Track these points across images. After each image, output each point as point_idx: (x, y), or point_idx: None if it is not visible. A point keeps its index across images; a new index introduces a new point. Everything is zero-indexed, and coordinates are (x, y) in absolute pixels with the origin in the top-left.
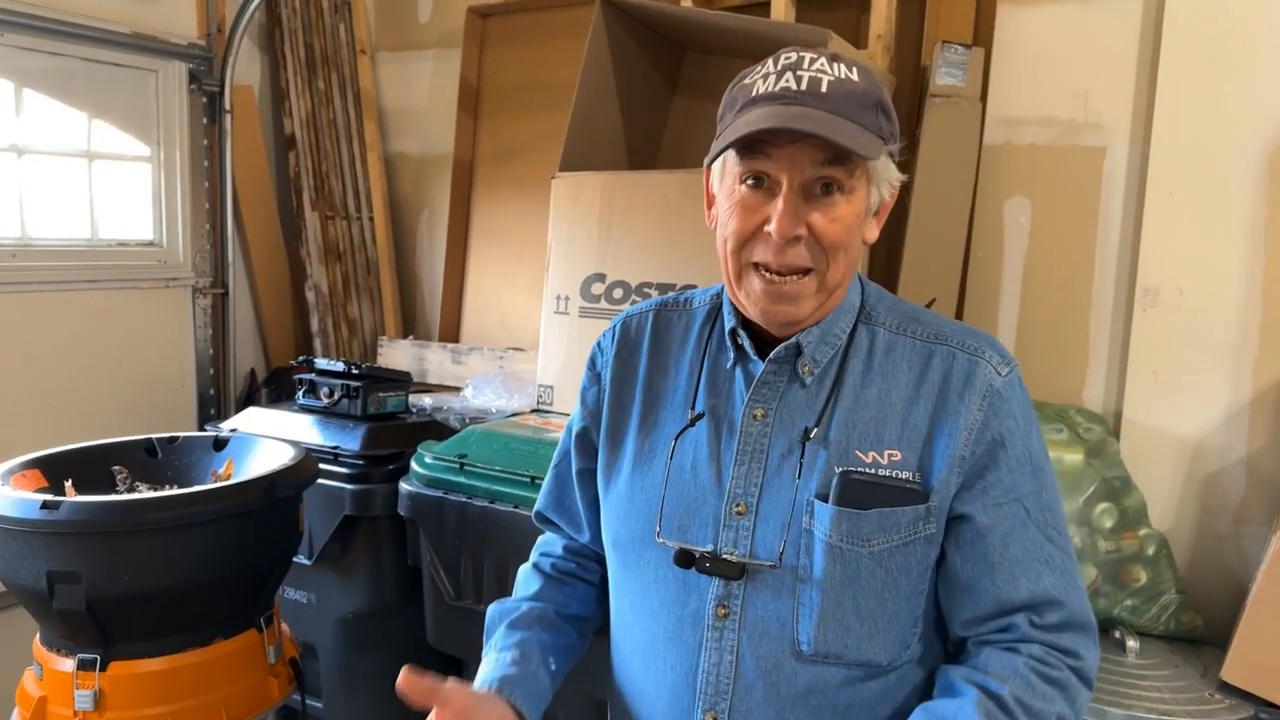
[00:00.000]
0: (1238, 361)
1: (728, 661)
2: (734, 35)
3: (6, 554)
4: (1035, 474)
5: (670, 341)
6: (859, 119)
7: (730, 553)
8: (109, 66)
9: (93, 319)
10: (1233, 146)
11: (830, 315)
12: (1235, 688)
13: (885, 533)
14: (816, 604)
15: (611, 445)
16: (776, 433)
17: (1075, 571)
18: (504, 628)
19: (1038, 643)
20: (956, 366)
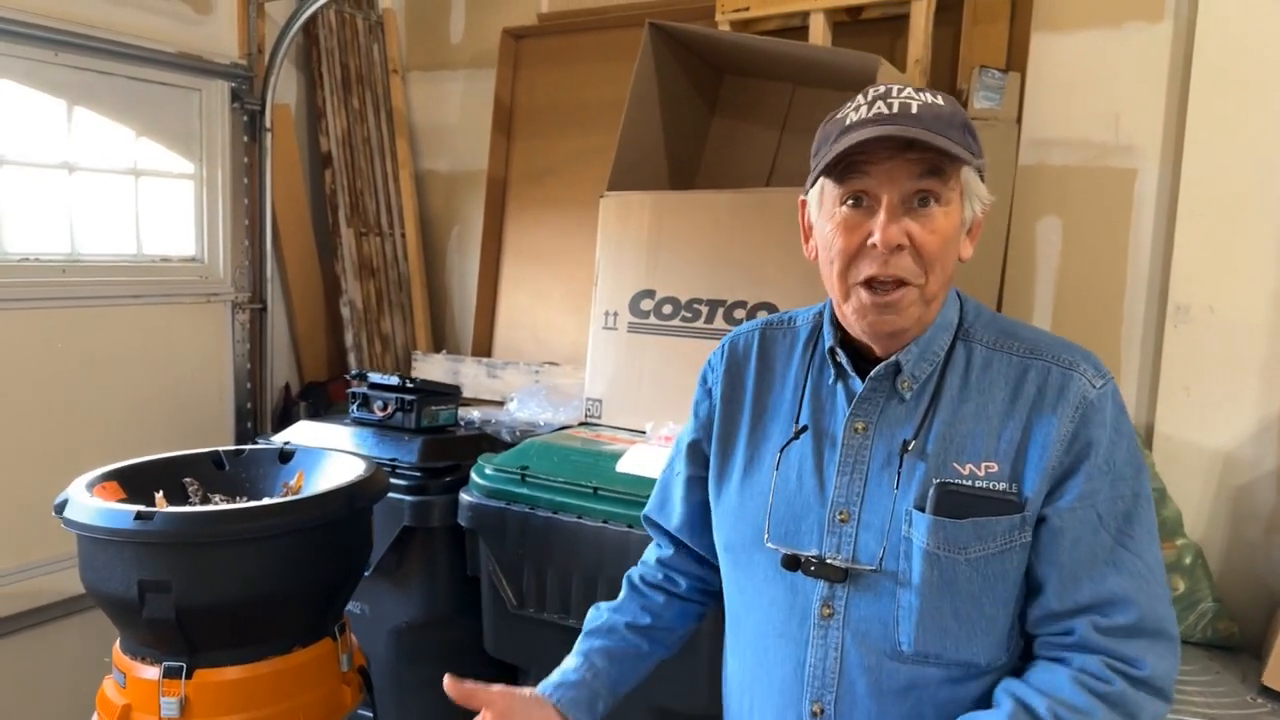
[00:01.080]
0: (1268, 377)
1: (833, 657)
2: (776, 59)
3: (96, 563)
4: (1115, 482)
5: (775, 359)
6: (949, 135)
7: (834, 557)
8: (155, 85)
9: (137, 333)
10: (1262, 169)
11: (929, 332)
12: (1276, 692)
13: (981, 541)
14: (915, 607)
15: (722, 455)
16: (876, 445)
17: (1154, 578)
18: (581, 636)
19: (1096, 651)
20: (1051, 380)
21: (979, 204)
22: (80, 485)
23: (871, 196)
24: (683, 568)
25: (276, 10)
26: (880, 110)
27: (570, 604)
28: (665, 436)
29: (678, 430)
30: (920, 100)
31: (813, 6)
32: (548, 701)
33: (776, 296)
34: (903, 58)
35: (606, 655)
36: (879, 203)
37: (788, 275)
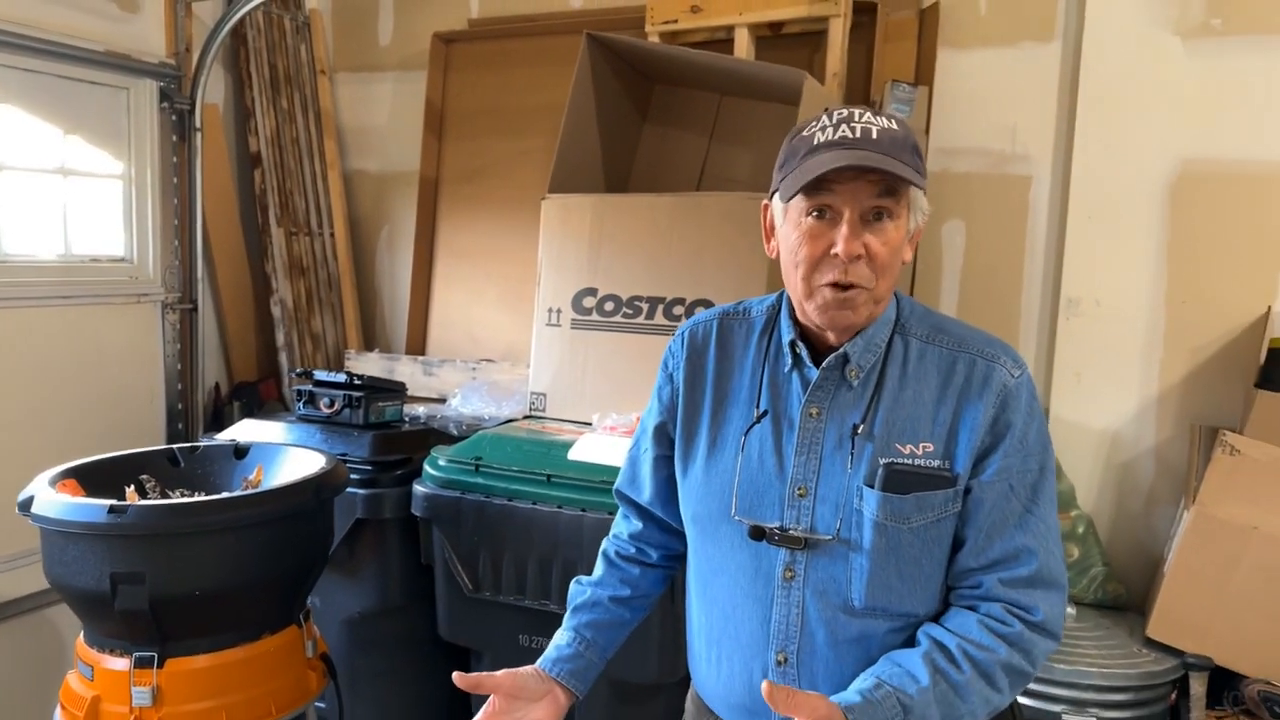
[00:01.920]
0: (1147, 363)
1: (795, 613)
2: (705, 70)
3: (65, 558)
4: (1026, 457)
5: (734, 347)
6: (903, 158)
7: (795, 528)
8: (83, 84)
9: (66, 334)
10: (1140, 176)
11: (872, 327)
12: (1158, 643)
13: (922, 512)
14: (866, 569)
15: (687, 436)
16: (829, 428)
17: (1051, 538)
18: (569, 612)
19: (998, 600)
20: (976, 370)
21: (921, 215)
22: (43, 482)
23: (834, 210)
24: (653, 539)
25: (203, 10)
26: (845, 134)
27: (526, 586)
28: (610, 427)
29: (622, 421)
30: (879, 125)
31: (737, 21)
32: (549, 676)
33: (713, 293)
34: (821, 71)
35: (594, 627)
36: (841, 216)
37: (723, 273)
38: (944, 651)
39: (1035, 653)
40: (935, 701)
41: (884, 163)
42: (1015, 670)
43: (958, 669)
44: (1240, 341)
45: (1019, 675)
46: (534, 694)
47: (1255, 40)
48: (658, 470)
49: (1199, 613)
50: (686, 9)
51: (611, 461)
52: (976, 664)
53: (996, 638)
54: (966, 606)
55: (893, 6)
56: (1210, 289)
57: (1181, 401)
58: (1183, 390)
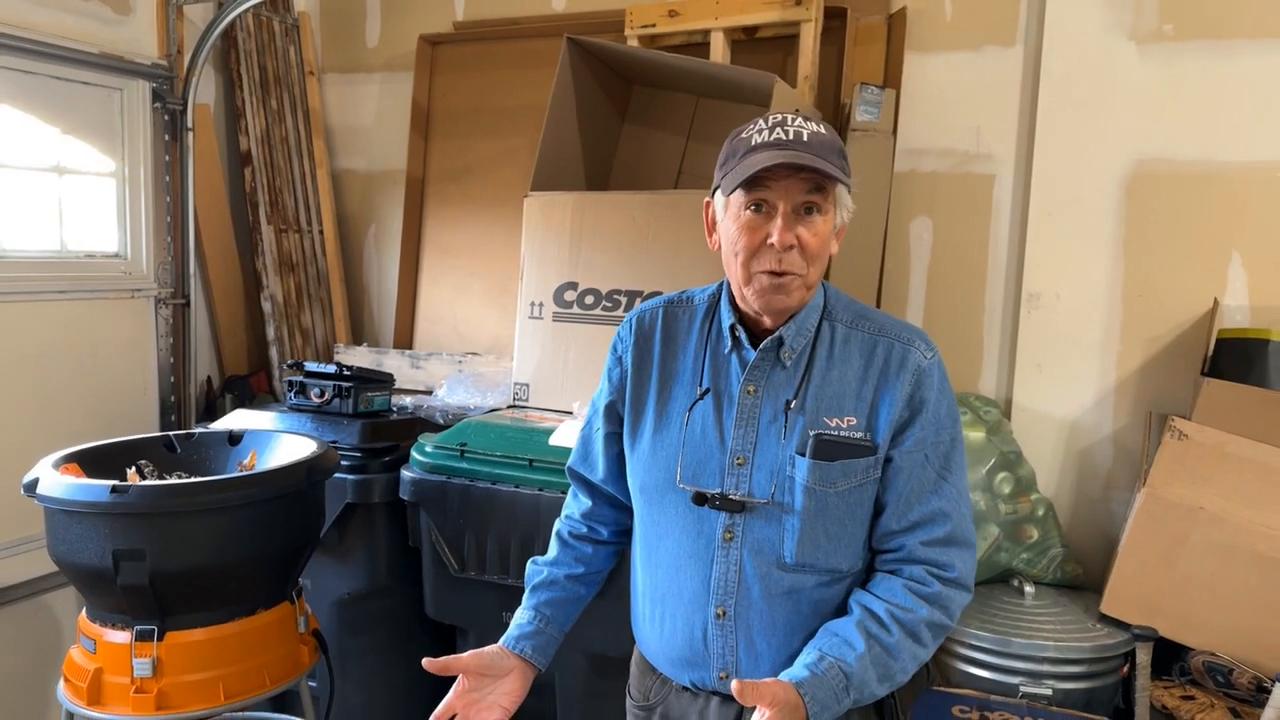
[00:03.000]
0: (1105, 354)
1: (733, 570)
2: (682, 73)
3: (69, 536)
4: (938, 430)
5: (678, 331)
6: (831, 160)
7: (734, 493)
8: (78, 85)
9: (62, 328)
10: (1098, 175)
11: (802, 313)
12: (1111, 618)
13: (847, 477)
14: (797, 529)
15: (635, 413)
16: (765, 403)
17: (962, 501)
18: (528, 592)
19: (919, 562)
20: (894, 353)
21: (846, 213)
22: (46, 465)
23: (770, 205)
24: (604, 516)
25: (194, 12)
26: (780, 136)
27: (510, 565)
28: None
29: None
30: (809, 129)
31: (713, 25)
32: (512, 653)
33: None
34: (793, 74)
35: (552, 605)
36: (776, 210)
37: (698, 267)
38: (874, 617)
39: (953, 607)
40: (871, 664)
41: (814, 162)
42: (936, 625)
43: (887, 632)
44: (1191, 333)
45: (940, 629)
46: (500, 670)
47: (1205, 45)
48: (609, 447)
49: (1149, 589)
50: (664, 14)
51: None
52: (903, 625)
53: (918, 599)
54: (890, 571)
55: (862, 11)
56: (1164, 283)
57: (1137, 390)
58: (1138, 379)
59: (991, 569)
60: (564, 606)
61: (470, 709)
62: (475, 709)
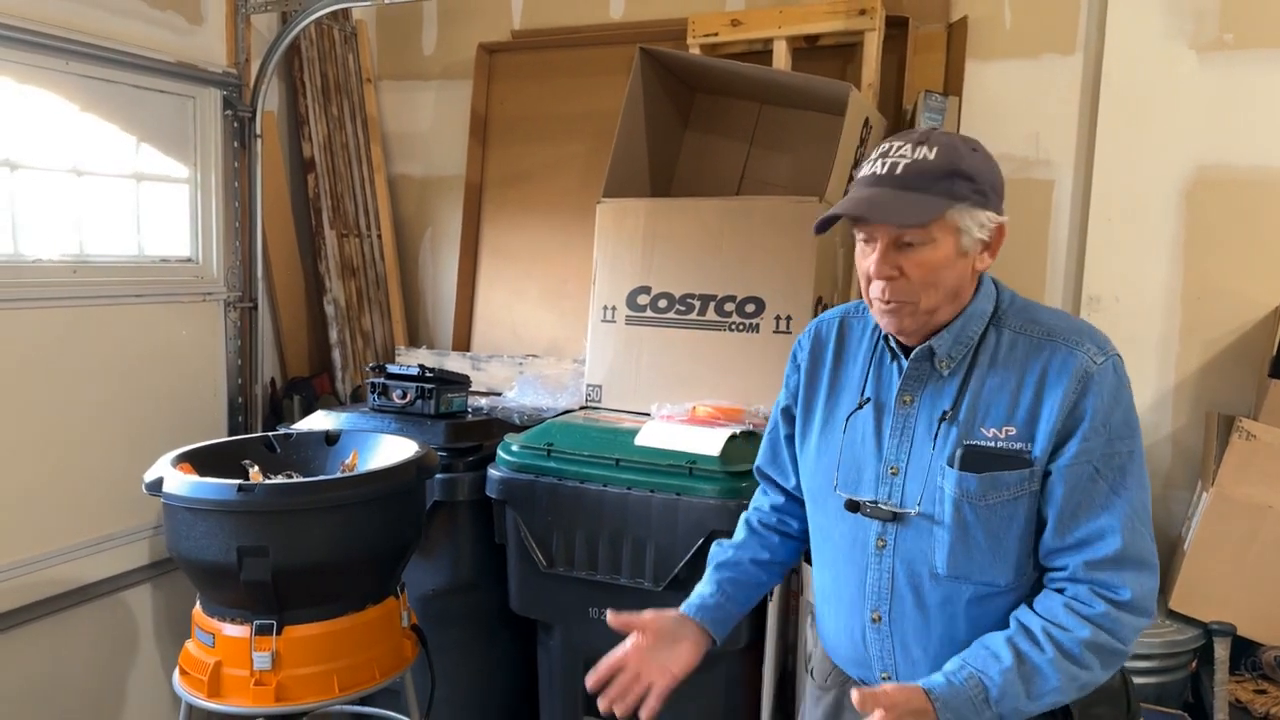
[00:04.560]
0: (1164, 355)
1: (886, 578)
2: (748, 81)
3: (194, 534)
4: (1110, 440)
5: (851, 341)
6: (929, 189)
7: (886, 503)
8: (155, 93)
9: (138, 331)
10: (1158, 180)
11: (960, 321)
12: (1180, 614)
13: (997, 490)
14: (946, 541)
15: (805, 418)
16: (920, 413)
17: (1137, 518)
18: (712, 568)
19: (1084, 582)
20: (1059, 357)
21: (980, 230)
22: (165, 464)
23: (871, 238)
24: (795, 512)
25: (259, 21)
26: (876, 170)
27: (598, 562)
28: (667, 415)
29: (677, 410)
30: (911, 158)
31: (775, 34)
32: (691, 619)
33: (762, 290)
34: (856, 82)
35: (734, 584)
36: (876, 243)
37: (770, 272)
38: (1028, 633)
39: (1123, 631)
40: (1019, 680)
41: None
42: (1102, 648)
43: (1040, 649)
44: (1252, 335)
45: (1108, 653)
46: (675, 637)
47: (1266, 54)
48: (791, 449)
49: (1218, 586)
50: (727, 23)
51: (675, 447)
52: (1059, 644)
53: (1080, 619)
54: (1056, 589)
55: (922, 20)
56: (1223, 286)
57: (1196, 391)
58: (1197, 380)
59: None
60: (745, 588)
61: (644, 665)
62: (647, 665)
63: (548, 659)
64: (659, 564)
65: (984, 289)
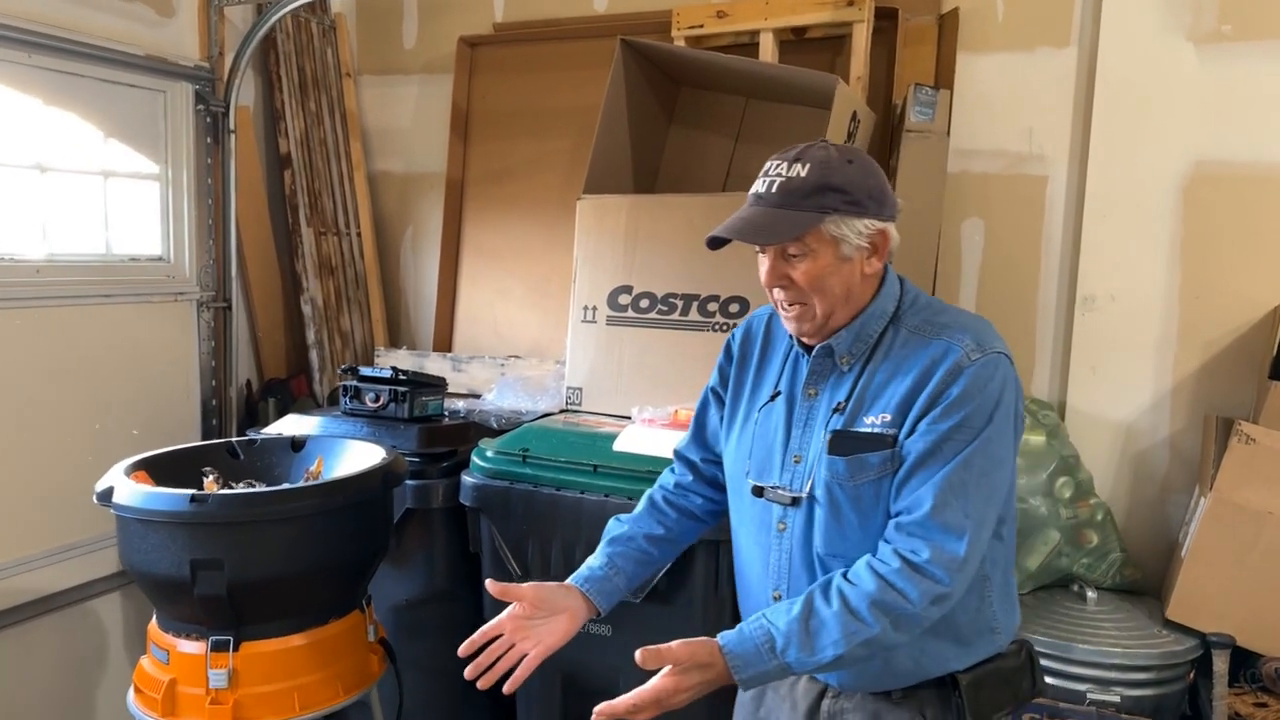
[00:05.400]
0: (1161, 356)
1: (784, 559)
2: (734, 74)
3: (145, 546)
4: (961, 426)
5: (775, 338)
6: (799, 206)
7: (786, 489)
8: (123, 87)
9: (108, 332)
10: (1154, 176)
11: (860, 320)
12: (1177, 624)
13: (863, 471)
14: (822, 521)
15: (732, 407)
16: (820, 405)
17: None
18: (604, 542)
19: (889, 543)
20: (938, 351)
21: (857, 238)
22: (119, 473)
23: (764, 249)
24: (701, 491)
25: (234, 14)
26: (757, 189)
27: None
28: (649, 419)
29: (659, 414)
30: (786, 176)
31: (762, 26)
32: (577, 590)
33: (746, 290)
34: (842, 74)
35: (626, 558)
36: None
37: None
38: (825, 587)
39: (913, 592)
40: (803, 630)
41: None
42: (890, 608)
43: (828, 603)
44: (1252, 335)
45: (894, 612)
46: (555, 607)
47: (1264, 46)
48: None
49: (1217, 595)
50: (712, 14)
51: (655, 452)
52: (846, 599)
53: (873, 574)
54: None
55: (912, 12)
56: (1222, 285)
57: (1194, 393)
58: (1196, 382)
59: (1052, 574)
60: (635, 562)
61: (517, 633)
62: (521, 634)
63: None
64: None
65: (887, 290)
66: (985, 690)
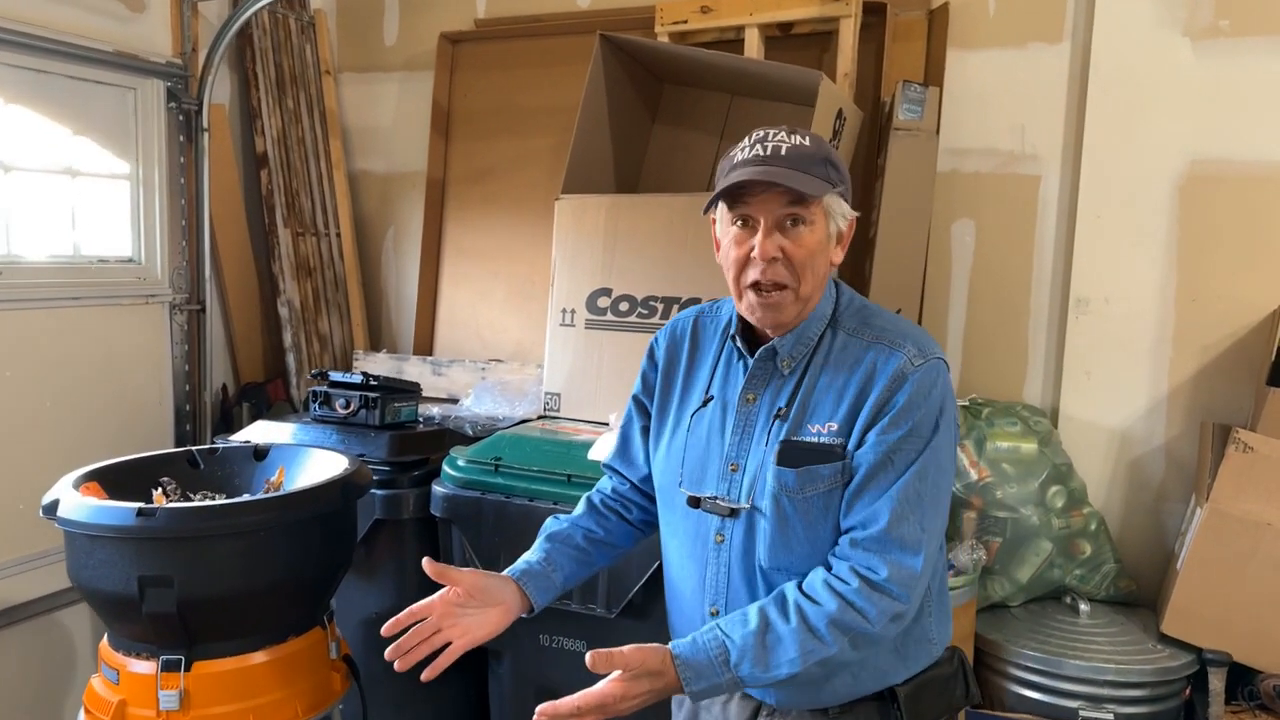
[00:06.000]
0: (1156, 361)
1: (723, 573)
2: (717, 71)
3: (91, 561)
4: (909, 436)
5: (704, 340)
6: (811, 171)
7: (724, 499)
8: (91, 84)
9: (75, 335)
10: (1149, 175)
11: (804, 323)
12: (1172, 638)
13: (813, 483)
14: (769, 533)
15: (660, 417)
16: (760, 411)
17: (911, 507)
18: (543, 538)
19: (845, 559)
20: (881, 358)
21: (843, 220)
22: (66, 485)
23: (753, 219)
24: (637, 501)
25: (209, 10)
26: (758, 152)
27: None
28: None
29: None
30: (790, 143)
31: (748, 21)
32: (513, 582)
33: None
34: (831, 71)
35: (564, 555)
36: (759, 224)
37: None
38: (780, 602)
39: (872, 611)
40: (759, 645)
41: (786, 177)
42: (849, 627)
43: (785, 619)
44: (1250, 339)
45: (852, 631)
46: (491, 599)
47: (1264, 41)
48: (645, 441)
49: (1214, 609)
50: (696, 9)
51: None
52: (805, 616)
53: (832, 593)
54: (825, 565)
55: (901, 7)
56: (1220, 287)
57: (1191, 399)
58: (1192, 388)
59: (1044, 586)
60: (573, 561)
61: (445, 619)
62: (449, 620)
63: (499, 688)
64: (612, 589)
65: (827, 290)
66: (923, 702)
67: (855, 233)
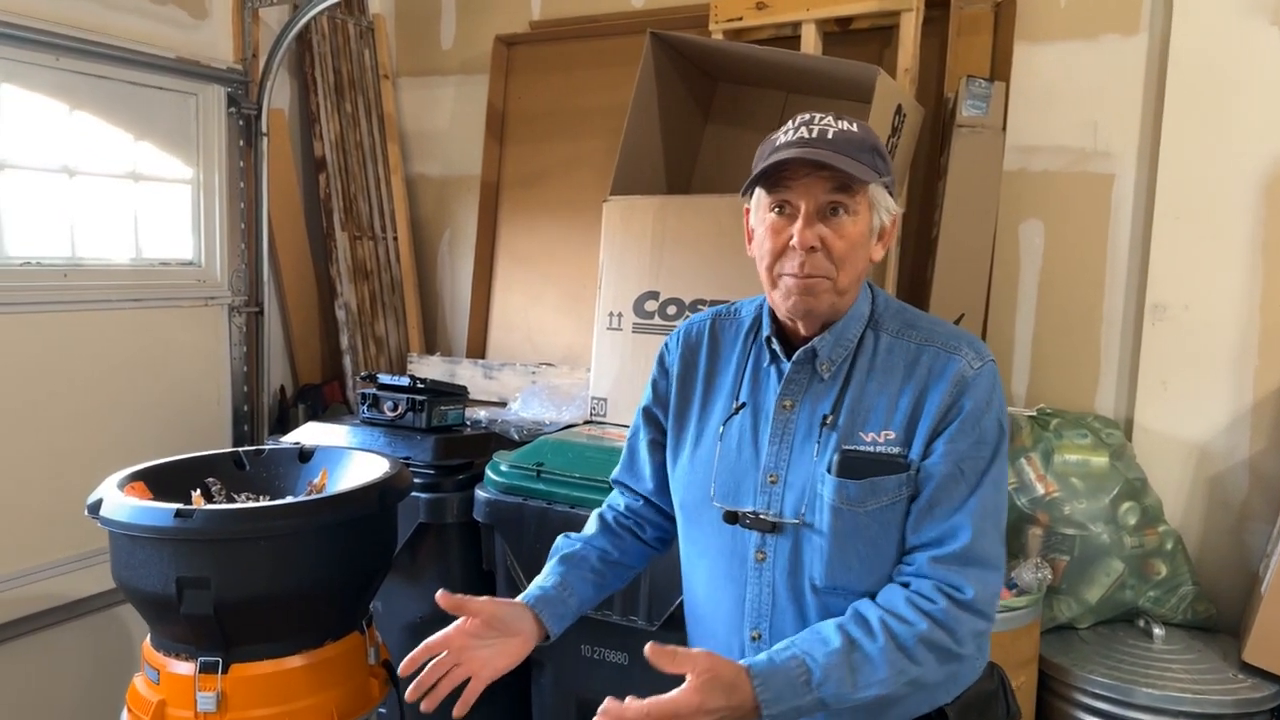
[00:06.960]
0: (1239, 371)
1: (766, 593)
2: (771, 68)
3: (133, 561)
4: (977, 443)
5: (723, 345)
6: (858, 158)
7: (765, 513)
8: (154, 90)
9: (136, 337)
10: (1233, 174)
11: (842, 322)
12: (1255, 668)
13: (875, 496)
14: (825, 551)
15: (678, 427)
16: (800, 418)
17: (988, 520)
18: (556, 560)
19: (928, 578)
20: (938, 362)
21: (886, 214)
22: (111, 485)
23: (793, 206)
24: (651, 518)
25: (269, 16)
26: (803, 135)
27: None
28: None
29: None
30: (836, 127)
31: (804, 17)
32: (529, 612)
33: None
34: (892, 67)
35: (578, 579)
36: (798, 211)
37: None
38: (862, 621)
39: (961, 631)
40: (845, 665)
41: (833, 159)
42: (937, 646)
43: (872, 638)
44: None
45: (943, 651)
46: (510, 629)
47: None
48: (653, 455)
49: None
50: (752, 6)
51: None
52: (894, 635)
53: (919, 613)
54: (901, 583)
55: (966, 0)
56: None
57: (1277, 412)
58: (1278, 400)
59: (1115, 608)
60: (589, 584)
61: (464, 652)
62: (470, 654)
63: (540, 699)
64: (654, 600)
65: (863, 290)
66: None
67: (919, 234)
